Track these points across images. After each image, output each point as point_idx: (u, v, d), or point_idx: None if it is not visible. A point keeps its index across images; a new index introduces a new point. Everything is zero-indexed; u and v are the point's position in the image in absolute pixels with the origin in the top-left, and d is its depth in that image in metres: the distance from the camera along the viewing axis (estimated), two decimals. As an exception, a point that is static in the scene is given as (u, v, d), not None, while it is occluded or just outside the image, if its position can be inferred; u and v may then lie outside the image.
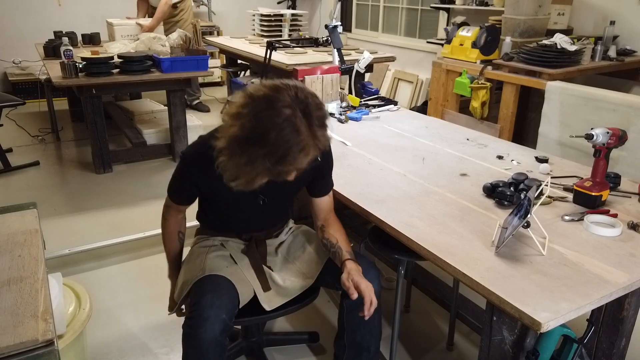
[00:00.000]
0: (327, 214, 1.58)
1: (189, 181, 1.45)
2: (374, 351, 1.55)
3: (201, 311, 1.32)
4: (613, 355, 1.55)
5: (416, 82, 5.25)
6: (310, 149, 1.19)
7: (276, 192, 1.48)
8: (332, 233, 1.52)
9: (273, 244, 1.63)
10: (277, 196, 1.51)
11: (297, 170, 1.24)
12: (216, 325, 1.30)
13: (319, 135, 1.20)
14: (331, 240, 1.51)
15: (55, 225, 2.89)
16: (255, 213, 1.54)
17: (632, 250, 1.26)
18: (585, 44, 3.28)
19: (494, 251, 1.25)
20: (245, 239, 1.59)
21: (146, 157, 3.93)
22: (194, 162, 1.40)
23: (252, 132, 1.16)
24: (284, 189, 1.49)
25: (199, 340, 1.31)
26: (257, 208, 1.50)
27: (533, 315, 1.01)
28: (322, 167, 1.48)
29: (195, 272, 1.46)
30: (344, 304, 1.49)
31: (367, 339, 1.51)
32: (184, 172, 1.44)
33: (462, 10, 4.72)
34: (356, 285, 1.36)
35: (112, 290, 2.33)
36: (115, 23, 4.33)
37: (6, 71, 5.54)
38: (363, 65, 2.66)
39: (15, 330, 0.90)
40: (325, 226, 1.55)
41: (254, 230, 1.59)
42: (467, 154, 1.95)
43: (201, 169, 1.38)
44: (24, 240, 1.22)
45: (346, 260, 1.42)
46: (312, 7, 6.93)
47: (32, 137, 4.40)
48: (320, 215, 1.57)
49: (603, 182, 1.48)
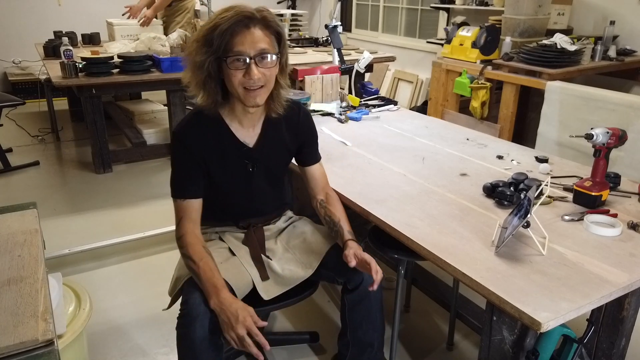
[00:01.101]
0: (325, 187, 1.60)
1: (189, 160, 1.42)
2: (378, 347, 1.55)
3: (190, 309, 1.31)
4: (613, 355, 1.55)
5: (416, 82, 5.25)
6: (256, 18, 1.28)
7: (264, 159, 1.50)
8: (333, 211, 1.53)
9: (271, 230, 1.63)
10: (265, 165, 1.52)
11: (247, 44, 1.27)
12: (206, 323, 1.29)
13: (265, 13, 1.30)
14: (333, 219, 1.51)
15: (55, 225, 2.89)
16: (248, 188, 1.53)
17: (632, 250, 1.26)
18: (585, 44, 3.28)
19: (494, 251, 1.25)
20: (243, 226, 1.59)
21: (146, 157, 3.93)
22: (185, 134, 1.41)
23: (208, 23, 1.30)
24: (271, 157, 1.52)
25: (190, 340, 1.30)
26: (249, 180, 1.51)
27: (533, 315, 1.01)
28: (305, 132, 1.56)
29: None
30: (346, 299, 1.49)
31: (370, 334, 1.51)
32: (181, 151, 1.42)
33: (462, 10, 4.72)
34: (360, 257, 1.37)
35: (112, 290, 2.33)
36: (116, 23, 4.33)
37: (6, 71, 5.54)
38: (363, 65, 2.66)
39: (15, 330, 0.90)
40: (325, 201, 1.56)
41: (251, 215, 1.59)
42: (467, 154, 1.95)
43: (195, 138, 1.41)
44: (24, 240, 1.22)
45: (348, 241, 1.44)
46: (312, 7, 6.93)
47: (32, 137, 4.41)
48: (316, 188, 1.59)
49: (603, 182, 1.49)
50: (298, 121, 1.54)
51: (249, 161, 1.49)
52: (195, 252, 1.36)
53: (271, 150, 1.51)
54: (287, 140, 1.54)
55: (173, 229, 1.49)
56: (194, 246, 1.38)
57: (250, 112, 1.42)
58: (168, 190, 1.51)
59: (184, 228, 1.42)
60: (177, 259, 1.64)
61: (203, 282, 1.31)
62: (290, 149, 1.56)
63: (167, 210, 3.08)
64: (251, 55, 1.28)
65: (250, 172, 1.50)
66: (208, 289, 1.29)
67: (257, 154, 1.49)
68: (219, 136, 1.44)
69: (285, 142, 1.54)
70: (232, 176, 1.49)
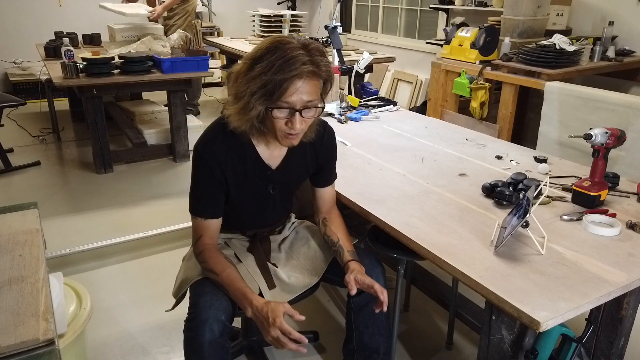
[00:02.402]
0: (330, 207, 1.58)
1: (211, 179, 1.36)
2: (384, 352, 1.53)
3: (199, 313, 1.31)
4: (612, 355, 1.55)
5: (415, 82, 5.25)
6: (309, 66, 1.20)
7: (284, 180, 1.48)
8: (333, 230, 1.52)
9: (276, 240, 1.63)
10: (286, 184, 1.50)
11: (296, 95, 1.21)
12: (215, 327, 1.29)
13: (317, 59, 1.23)
14: (332, 239, 1.50)
15: (56, 225, 2.89)
16: (263, 205, 1.52)
17: (630, 249, 1.26)
18: (584, 45, 3.28)
19: (493, 251, 1.25)
20: (249, 235, 1.59)
21: (147, 157, 3.93)
22: (209, 152, 1.35)
23: (256, 54, 1.23)
24: (292, 178, 1.50)
25: (198, 343, 1.30)
26: (266, 199, 1.49)
27: (532, 314, 1.01)
28: (326, 154, 1.52)
29: (196, 271, 1.46)
30: (352, 302, 1.48)
31: (375, 338, 1.50)
32: (203, 170, 1.36)
33: (461, 11, 4.72)
34: (361, 282, 1.34)
35: (112, 289, 2.34)
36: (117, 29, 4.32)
37: (7, 71, 5.55)
38: (363, 65, 2.67)
39: (16, 330, 0.91)
40: (327, 220, 1.55)
41: (259, 226, 1.59)
42: (466, 154, 1.96)
43: (218, 157, 1.35)
44: (25, 240, 1.23)
45: (349, 262, 1.41)
46: (312, 8, 6.93)
47: (33, 137, 4.41)
48: (322, 208, 1.57)
49: (602, 182, 1.49)
50: (322, 143, 1.49)
51: (270, 183, 1.46)
52: (218, 264, 1.37)
53: (293, 172, 1.48)
54: (308, 161, 1.50)
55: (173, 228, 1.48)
56: (215, 259, 1.38)
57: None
58: (169, 190, 1.51)
59: (204, 245, 1.41)
60: (178, 258, 1.65)
61: (232, 293, 1.32)
62: (310, 169, 1.52)
63: (167, 210, 3.10)
64: (297, 107, 1.23)
65: (269, 194, 1.48)
66: (240, 300, 1.31)
67: (278, 176, 1.45)
68: (244, 156, 1.38)
69: (307, 163, 1.50)
70: (251, 196, 1.47)
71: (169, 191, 3.34)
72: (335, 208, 1.59)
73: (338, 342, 1.72)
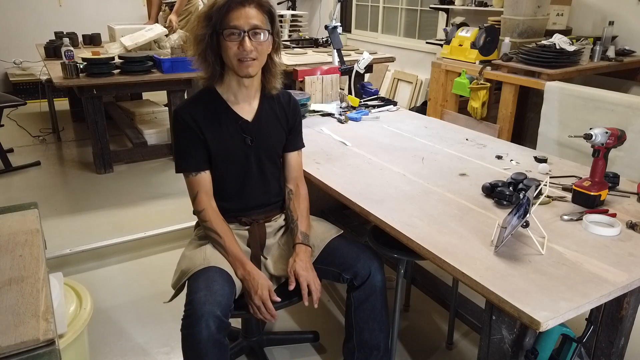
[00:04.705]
0: (297, 178, 1.67)
1: (189, 132, 1.49)
2: (384, 349, 1.54)
3: (195, 309, 1.31)
4: (612, 355, 1.55)
5: (415, 82, 5.25)
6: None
7: (262, 134, 1.56)
8: (295, 206, 1.62)
9: (272, 227, 1.64)
10: (263, 139, 1.57)
11: (242, 19, 1.37)
12: (211, 322, 1.29)
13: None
14: (292, 215, 1.61)
15: (56, 225, 2.89)
16: (247, 166, 1.56)
17: (630, 249, 1.26)
18: (584, 44, 3.28)
19: (493, 251, 1.25)
20: (246, 222, 1.61)
21: (147, 157, 3.93)
22: (183, 110, 1.50)
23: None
24: (269, 132, 1.57)
25: (196, 340, 1.30)
26: (248, 158, 1.55)
27: (532, 314, 1.01)
28: (294, 116, 1.64)
29: (195, 262, 1.47)
30: (352, 297, 1.50)
31: (376, 335, 1.51)
32: (181, 126, 1.49)
33: (461, 11, 4.72)
34: (296, 275, 1.45)
35: (112, 290, 2.34)
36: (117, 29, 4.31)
37: (7, 72, 5.55)
38: (363, 65, 2.66)
39: (17, 330, 0.91)
40: (292, 193, 1.66)
41: (253, 207, 1.61)
42: (466, 154, 1.96)
43: (193, 112, 1.49)
44: (25, 240, 1.23)
45: (296, 244, 1.52)
46: (312, 8, 6.93)
47: (33, 137, 4.41)
48: (289, 175, 1.67)
49: (602, 181, 1.49)
50: (289, 105, 1.64)
51: (247, 134, 1.53)
52: (219, 227, 1.50)
53: (268, 126, 1.58)
54: (280, 116, 1.61)
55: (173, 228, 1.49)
56: (216, 221, 1.51)
57: (245, 86, 1.50)
58: (169, 190, 1.53)
59: (203, 203, 1.52)
60: (177, 258, 1.65)
61: (229, 254, 1.48)
62: (283, 126, 1.63)
63: (167, 210, 3.10)
64: (245, 29, 1.38)
65: (249, 147, 1.54)
66: (234, 261, 1.47)
67: (254, 128, 1.55)
68: (216, 109, 1.51)
69: (280, 120, 1.61)
70: (231, 148, 1.53)
71: (169, 191, 3.34)
72: (303, 181, 1.68)
73: (338, 342, 1.72)
